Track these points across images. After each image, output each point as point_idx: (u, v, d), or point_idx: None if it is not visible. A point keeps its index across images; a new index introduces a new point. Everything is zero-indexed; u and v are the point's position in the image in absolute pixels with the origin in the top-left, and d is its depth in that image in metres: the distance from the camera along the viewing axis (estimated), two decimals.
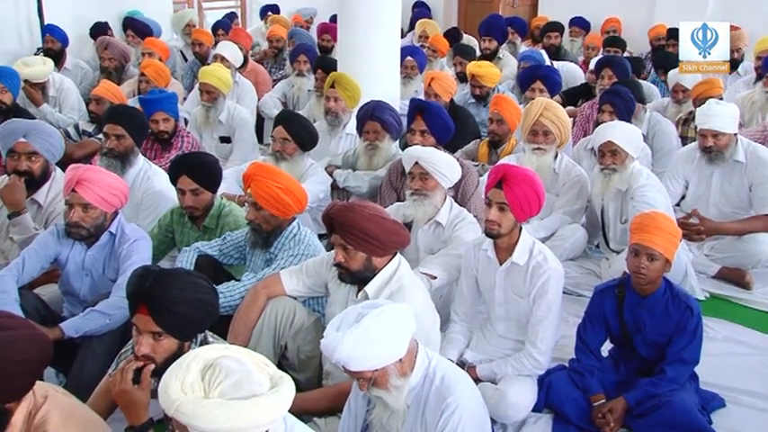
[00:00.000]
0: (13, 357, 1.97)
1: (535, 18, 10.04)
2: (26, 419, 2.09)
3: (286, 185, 3.29)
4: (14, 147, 3.80)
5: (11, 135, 3.81)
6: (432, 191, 3.70)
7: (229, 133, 5.74)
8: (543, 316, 3.12)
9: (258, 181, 3.29)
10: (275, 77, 7.80)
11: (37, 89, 5.91)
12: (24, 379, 2.05)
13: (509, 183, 3.09)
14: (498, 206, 3.10)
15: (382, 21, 5.32)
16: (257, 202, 3.30)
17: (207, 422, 1.76)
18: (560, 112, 4.57)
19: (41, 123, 4.12)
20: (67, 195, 3.24)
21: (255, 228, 3.38)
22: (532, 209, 3.15)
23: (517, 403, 3.07)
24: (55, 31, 7.11)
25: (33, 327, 2.17)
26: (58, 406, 2.13)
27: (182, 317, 2.32)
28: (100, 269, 3.39)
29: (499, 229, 3.13)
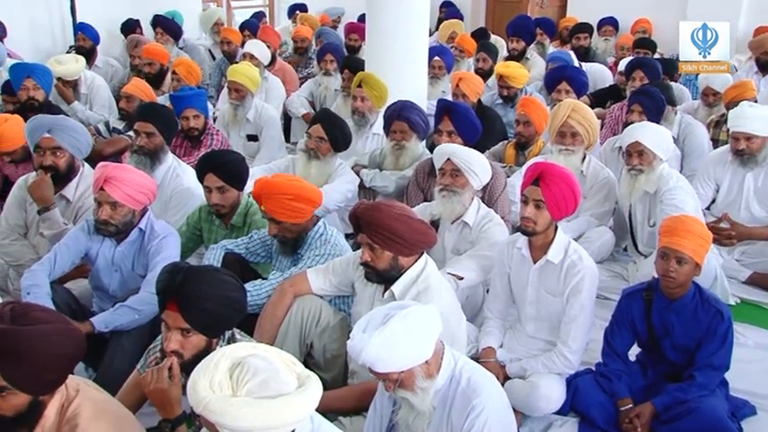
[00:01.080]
0: (47, 351, 2.00)
1: (564, 19, 9.97)
2: (59, 412, 2.11)
3: (295, 193, 3.27)
4: (40, 142, 3.84)
5: (36, 131, 3.86)
6: (461, 188, 3.69)
7: (257, 131, 5.77)
8: (576, 315, 3.11)
9: (267, 198, 3.29)
10: (301, 76, 7.82)
11: (68, 87, 5.97)
12: (57, 372, 2.07)
13: (546, 180, 3.09)
14: (535, 203, 3.10)
15: (410, 21, 5.30)
16: (273, 217, 3.31)
17: (234, 420, 1.77)
18: (588, 113, 4.54)
19: (65, 119, 4.14)
20: (96, 193, 3.27)
21: (281, 240, 3.40)
22: (569, 207, 3.14)
23: (549, 395, 3.07)
24: (87, 29, 7.21)
25: (67, 321, 2.20)
26: (89, 399, 2.16)
27: (210, 314, 2.34)
28: (129, 265, 3.43)
29: (534, 227, 3.12)
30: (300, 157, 4.58)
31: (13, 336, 1.97)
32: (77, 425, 2.07)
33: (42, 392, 2.06)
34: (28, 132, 3.93)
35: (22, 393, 2.02)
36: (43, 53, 7.35)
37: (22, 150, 4.28)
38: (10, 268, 3.97)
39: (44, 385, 2.06)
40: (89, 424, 2.08)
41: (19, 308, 2.07)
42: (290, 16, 10.09)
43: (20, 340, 1.97)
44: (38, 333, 2.01)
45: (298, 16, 9.50)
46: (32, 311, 2.09)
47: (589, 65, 7.60)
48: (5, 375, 1.98)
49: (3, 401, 2.01)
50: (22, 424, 2.07)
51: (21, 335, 1.98)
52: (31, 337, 1.99)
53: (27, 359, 1.98)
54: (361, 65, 5.85)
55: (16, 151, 4.29)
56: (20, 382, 2.00)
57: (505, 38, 8.24)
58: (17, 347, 1.97)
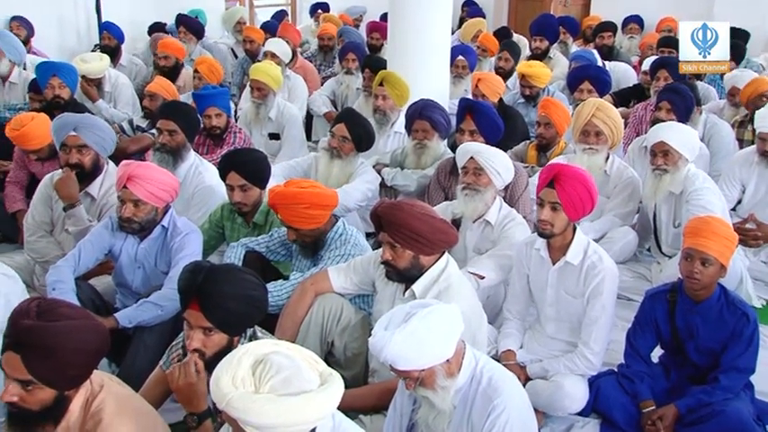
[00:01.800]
0: (72, 346, 2.02)
1: (587, 17, 9.91)
2: (83, 407, 2.14)
3: (310, 201, 3.26)
4: (66, 140, 3.89)
5: (62, 129, 3.90)
6: (484, 187, 3.68)
7: (278, 130, 5.79)
8: (597, 316, 3.09)
9: (283, 208, 3.29)
10: (324, 75, 7.84)
11: (93, 85, 6.02)
12: (82, 368, 2.09)
13: (561, 182, 3.06)
14: (551, 206, 3.08)
15: (433, 20, 5.30)
16: (291, 226, 3.32)
17: (257, 417, 1.77)
18: (613, 112, 4.50)
19: (91, 117, 4.18)
20: (119, 191, 3.30)
21: (300, 245, 3.41)
22: (585, 208, 3.12)
23: (573, 393, 3.06)
24: (112, 28, 7.27)
25: (92, 317, 2.22)
26: (113, 395, 2.18)
27: (232, 312, 2.35)
28: (152, 262, 3.45)
29: (552, 229, 3.10)
30: (323, 156, 4.60)
31: (38, 331, 1.99)
32: (101, 420, 2.09)
33: (67, 387, 2.09)
34: (54, 130, 3.97)
35: (47, 388, 2.04)
36: (69, 52, 7.43)
37: (48, 148, 4.33)
38: (36, 264, 4.02)
39: (69, 380, 2.08)
40: (112, 419, 2.10)
41: (45, 304, 2.09)
42: (312, 15, 10.11)
43: (45, 336, 2.00)
44: (63, 329, 2.03)
45: (320, 15, 9.52)
46: (58, 307, 2.11)
47: (613, 64, 7.54)
48: (31, 370, 2.01)
49: (29, 396, 2.03)
50: (48, 418, 2.09)
51: (46, 331, 2.00)
52: (57, 332, 2.02)
53: (52, 354, 2.00)
54: (383, 64, 5.85)
55: (42, 149, 4.35)
56: (45, 376, 2.02)
57: (528, 37, 8.20)
58: (43, 343, 1.99)
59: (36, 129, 4.29)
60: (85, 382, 2.15)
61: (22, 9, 7.11)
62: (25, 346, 2.00)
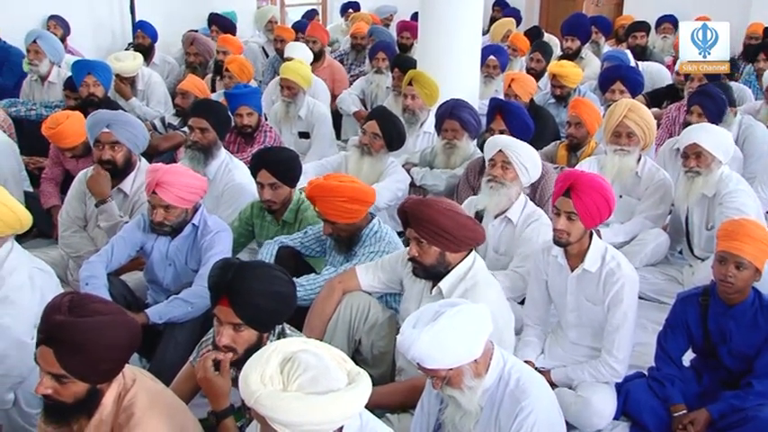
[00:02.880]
0: (103, 342, 2.04)
1: (620, 17, 9.81)
2: (116, 401, 2.16)
3: (348, 195, 3.28)
4: (99, 137, 3.93)
5: (95, 126, 3.95)
6: (510, 182, 3.67)
7: (308, 129, 5.81)
8: (619, 324, 3.04)
9: (321, 200, 3.31)
10: (355, 74, 7.85)
11: (126, 83, 6.09)
12: (114, 362, 2.11)
13: (577, 191, 3.01)
14: (567, 215, 3.03)
15: (464, 19, 5.28)
16: (328, 219, 3.33)
17: (285, 414, 1.78)
18: (645, 113, 4.44)
19: (123, 114, 4.22)
20: (149, 197, 3.33)
21: (335, 239, 3.42)
22: (602, 215, 3.07)
23: (602, 410, 3.02)
24: (146, 27, 7.35)
25: (123, 312, 2.24)
26: (145, 389, 2.20)
27: (261, 309, 2.36)
28: (183, 259, 3.48)
29: (568, 238, 3.06)
30: (353, 154, 4.61)
31: (69, 327, 2.02)
32: (133, 414, 2.11)
33: (100, 381, 2.11)
34: (88, 127, 4.02)
35: (80, 382, 2.07)
36: (103, 50, 7.53)
37: (82, 146, 4.39)
38: (69, 259, 4.08)
39: (101, 374, 2.10)
40: (144, 413, 2.12)
41: (77, 299, 2.12)
42: (342, 14, 10.14)
43: (76, 332, 2.02)
44: (94, 324, 2.05)
45: (351, 15, 9.53)
46: (90, 303, 2.14)
47: (646, 64, 7.44)
48: (63, 365, 2.03)
49: (62, 389, 2.06)
50: (82, 410, 2.12)
51: (77, 326, 2.02)
52: (87, 328, 2.04)
53: (83, 350, 2.02)
54: (412, 63, 5.84)
55: (77, 147, 4.41)
56: (77, 371, 2.04)
57: (559, 36, 8.14)
58: (75, 338, 2.01)
59: (71, 127, 4.36)
60: (118, 377, 2.17)
61: (59, 8, 7.22)
62: (57, 340, 2.03)
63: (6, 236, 2.86)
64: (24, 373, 2.75)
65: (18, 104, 5.79)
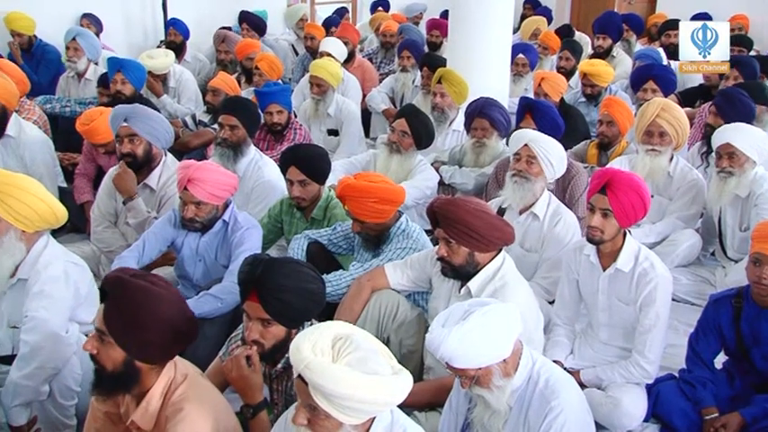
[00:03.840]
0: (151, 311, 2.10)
1: (652, 15, 9.68)
2: (163, 393, 2.19)
3: (379, 196, 3.29)
4: (118, 131, 3.98)
5: (114, 121, 4.00)
6: (534, 177, 3.65)
7: (337, 126, 5.83)
8: (651, 325, 3.01)
9: (351, 200, 3.32)
10: (384, 72, 7.85)
11: (158, 80, 6.14)
12: (158, 340, 2.13)
13: (613, 188, 2.99)
14: (602, 212, 3.00)
15: (494, 18, 5.26)
16: (358, 218, 3.34)
17: (333, 384, 1.79)
18: (678, 112, 4.38)
19: (142, 107, 4.24)
20: (180, 193, 3.37)
21: (364, 237, 3.43)
22: (637, 215, 3.04)
23: (632, 411, 2.99)
24: (178, 24, 7.41)
25: (183, 300, 2.29)
26: (195, 386, 2.22)
27: (290, 305, 2.38)
28: (213, 255, 3.51)
29: (602, 236, 3.03)
30: (382, 152, 4.61)
31: (123, 284, 2.10)
32: (182, 409, 2.13)
33: (138, 355, 2.13)
34: (109, 123, 4.07)
35: (117, 347, 2.11)
36: (135, 48, 7.61)
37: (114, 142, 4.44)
38: (102, 254, 4.13)
39: (141, 347, 2.12)
40: (192, 410, 2.14)
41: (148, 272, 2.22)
42: (372, 12, 10.13)
43: (125, 289, 2.10)
44: (144, 288, 2.12)
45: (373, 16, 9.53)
46: (154, 277, 2.22)
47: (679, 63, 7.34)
48: (107, 322, 2.10)
49: (102, 348, 2.12)
50: (119, 383, 2.16)
51: (127, 284, 2.10)
52: (137, 289, 2.11)
53: (129, 311, 2.09)
54: (441, 62, 5.83)
55: (110, 143, 4.46)
56: (116, 331, 2.10)
57: (591, 35, 8.06)
58: (124, 296, 2.09)
59: (104, 123, 4.40)
60: (167, 371, 2.20)
61: (92, 6, 7.31)
62: (108, 295, 2.12)
63: (42, 230, 2.91)
64: (59, 366, 2.79)
65: (53, 101, 5.87)
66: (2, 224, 2.78)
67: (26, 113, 5.06)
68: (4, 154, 4.51)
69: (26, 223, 2.81)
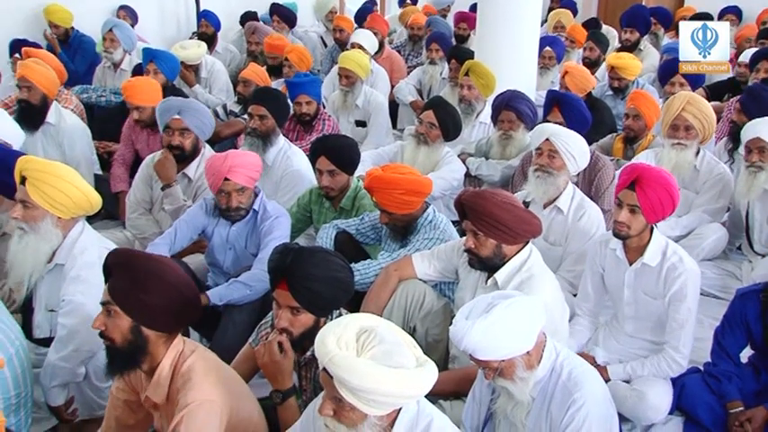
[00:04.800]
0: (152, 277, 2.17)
1: (681, 9, 9.52)
2: (172, 365, 2.23)
3: (406, 188, 3.28)
4: (169, 123, 4.01)
5: (166, 112, 4.02)
6: (557, 170, 3.60)
7: (365, 117, 5.81)
8: (684, 319, 2.96)
9: (379, 192, 3.31)
10: (412, 64, 7.81)
11: (191, 71, 6.19)
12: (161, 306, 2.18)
13: (642, 184, 2.94)
14: (629, 208, 2.96)
15: (523, 11, 5.21)
16: (385, 209, 3.33)
17: (358, 378, 1.79)
18: (705, 106, 4.29)
19: (194, 102, 4.29)
20: (221, 186, 3.34)
21: (392, 228, 3.42)
22: (665, 211, 2.99)
23: (658, 405, 2.95)
24: (210, 16, 7.45)
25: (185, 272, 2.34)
26: (203, 359, 2.26)
27: (318, 293, 2.37)
28: (242, 243, 3.52)
29: (628, 231, 2.99)
30: (409, 143, 4.59)
31: (123, 253, 2.22)
32: (190, 378, 2.17)
33: (142, 320, 2.18)
34: (159, 112, 4.11)
35: (124, 315, 2.15)
36: (169, 39, 7.66)
37: (151, 113, 4.50)
38: (136, 240, 4.17)
39: (144, 309, 2.17)
40: (201, 378, 2.17)
41: None
42: (400, 5, 10.09)
43: (127, 256, 2.20)
44: (145, 255, 2.25)
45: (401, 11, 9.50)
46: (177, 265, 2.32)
47: None
48: (111, 291, 2.16)
49: (110, 322, 2.17)
50: (130, 357, 2.21)
51: (130, 253, 2.22)
52: (138, 256, 2.22)
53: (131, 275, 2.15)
54: (469, 54, 5.78)
55: (146, 110, 4.53)
56: (121, 298, 2.15)
57: (618, 28, 7.95)
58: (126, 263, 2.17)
59: (147, 86, 4.55)
60: (176, 344, 2.24)
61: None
62: (111, 268, 2.17)
63: (78, 217, 2.94)
64: (94, 348, 2.82)
65: (89, 91, 5.94)
66: (38, 211, 2.83)
67: (63, 102, 5.13)
68: (43, 141, 4.60)
69: (62, 210, 2.84)
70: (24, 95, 4.55)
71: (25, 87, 4.54)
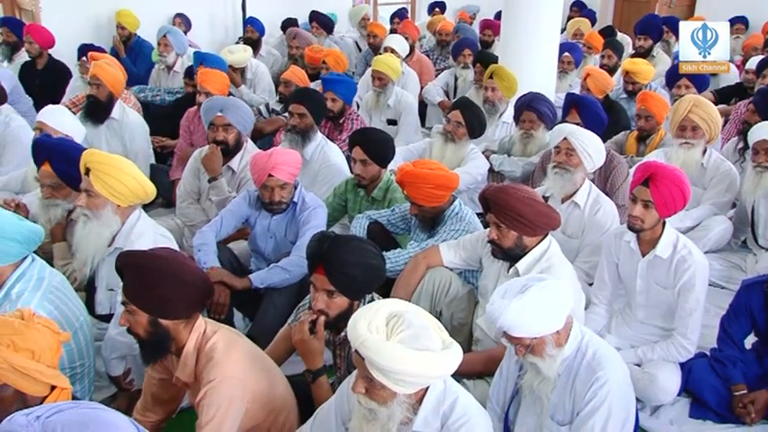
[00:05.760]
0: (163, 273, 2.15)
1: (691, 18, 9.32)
2: (196, 347, 2.22)
3: (435, 182, 3.25)
4: (213, 120, 4.01)
5: (210, 110, 4.03)
6: (574, 168, 3.56)
7: (396, 116, 5.78)
8: (693, 308, 2.92)
9: (410, 186, 3.29)
10: (440, 67, 7.76)
11: (237, 72, 6.20)
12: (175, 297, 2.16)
13: (656, 181, 2.89)
14: (643, 203, 2.92)
15: (544, 19, 5.15)
16: (415, 202, 3.31)
17: (388, 360, 1.78)
18: (710, 108, 4.21)
19: (235, 99, 4.30)
20: (265, 181, 3.33)
21: (421, 219, 3.39)
22: (677, 207, 2.94)
23: (668, 387, 2.92)
24: (255, 22, 7.47)
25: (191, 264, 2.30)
26: (224, 338, 2.25)
27: (353, 278, 2.36)
28: (282, 232, 3.52)
29: (642, 225, 2.95)
30: (437, 140, 4.56)
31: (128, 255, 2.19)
32: (212, 357, 2.17)
33: (159, 313, 2.17)
34: (203, 112, 4.12)
35: (141, 311, 2.15)
36: (217, 43, 7.70)
37: None
38: (185, 228, 4.19)
39: (156, 303, 2.16)
40: (222, 356, 2.17)
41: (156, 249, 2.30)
42: (429, 13, 10.03)
43: (131, 258, 2.18)
44: (146, 254, 2.18)
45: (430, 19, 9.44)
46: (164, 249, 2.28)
47: None
48: (125, 291, 2.16)
49: (131, 318, 2.18)
50: (159, 348, 2.22)
51: (133, 254, 2.18)
52: (140, 255, 2.19)
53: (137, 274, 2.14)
54: (493, 58, 5.72)
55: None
56: (135, 297, 2.15)
57: (632, 35, 7.81)
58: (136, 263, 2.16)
59: (220, 77, 4.76)
60: (198, 327, 2.24)
61: (182, 7, 7.44)
62: (123, 269, 2.18)
63: (134, 205, 2.96)
64: None
65: (145, 90, 6.00)
66: (100, 199, 2.86)
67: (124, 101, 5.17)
68: (107, 134, 4.68)
69: (120, 198, 2.87)
70: (94, 92, 4.64)
71: (95, 85, 4.62)
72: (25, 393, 1.91)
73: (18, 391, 1.90)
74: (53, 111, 4.10)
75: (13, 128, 4.42)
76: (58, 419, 1.47)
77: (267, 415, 2.28)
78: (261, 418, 2.25)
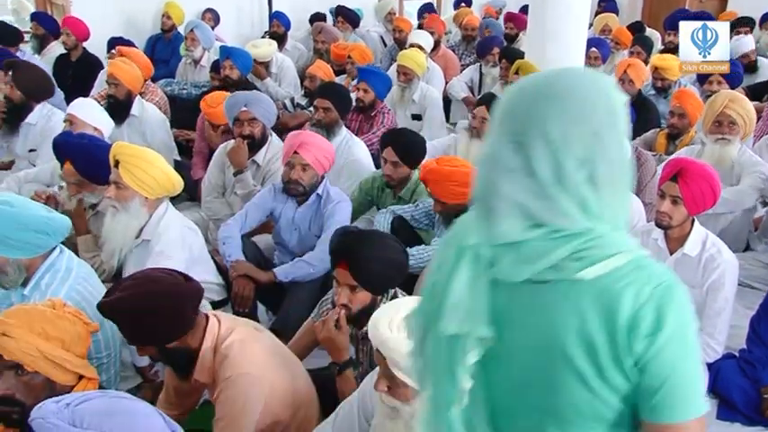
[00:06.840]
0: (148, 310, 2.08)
1: (723, 13, 9.16)
2: (212, 348, 2.20)
3: (459, 180, 3.22)
4: (238, 115, 4.02)
5: (235, 105, 4.04)
6: None
7: (420, 111, 5.75)
8: (722, 308, 2.88)
9: (434, 183, 3.28)
10: (465, 63, 7.72)
11: (263, 66, 6.23)
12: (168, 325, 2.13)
13: (685, 177, 2.85)
14: (672, 199, 2.88)
15: (572, 13, 5.07)
16: (439, 199, 3.30)
17: (407, 359, 1.77)
18: (746, 103, 4.12)
19: (259, 94, 4.31)
20: (290, 157, 3.35)
21: (444, 216, 3.38)
22: (706, 204, 2.90)
23: None
24: (281, 17, 7.49)
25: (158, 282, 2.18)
26: (241, 334, 2.24)
27: (376, 274, 2.36)
28: (307, 225, 3.53)
29: (670, 221, 2.91)
30: (462, 136, 4.53)
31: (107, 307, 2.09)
32: (227, 356, 2.16)
33: (157, 342, 2.15)
34: (227, 107, 4.11)
35: (147, 346, 2.17)
36: (243, 38, 7.72)
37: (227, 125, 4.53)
38: (210, 221, 4.22)
39: (151, 336, 2.14)
40: (237, 354, 2.16)
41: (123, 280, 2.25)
42: (455, 8, 9.97)
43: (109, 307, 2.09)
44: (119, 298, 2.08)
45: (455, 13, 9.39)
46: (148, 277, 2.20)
47: None
48: (123, 334, 2.18)
49: (146, 351, 2.20)
50: (178, 364, 2.24)
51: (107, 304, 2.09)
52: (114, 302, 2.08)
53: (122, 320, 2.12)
54: (519, 54, 5.67)
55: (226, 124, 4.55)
56: (132, 338, 2.17)
57: (661, 31, 7.70)
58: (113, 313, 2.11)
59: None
60: (211, 328, 2.21)
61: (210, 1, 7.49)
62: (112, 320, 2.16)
63: (162, 198, 3.00)
64: None
65: (172, 84, 6.06)
66: (129, 191, 2.89)
67: (150, 95, 5.23)
68: (129, 132, 4.70)
69: (148, 191, 2.90)
70: (112, 91, 4.67)
71: (113, 84, 4.66)
72: (55, 382, 1.95)
73: (48, 379, 1.94)
74: (83, 103, 4.16)
75: (54, 122, 4.47)
76: (87, 408, 1.50)
77: (287, 409, 2.28)
78: (281, 412, 2.26)
